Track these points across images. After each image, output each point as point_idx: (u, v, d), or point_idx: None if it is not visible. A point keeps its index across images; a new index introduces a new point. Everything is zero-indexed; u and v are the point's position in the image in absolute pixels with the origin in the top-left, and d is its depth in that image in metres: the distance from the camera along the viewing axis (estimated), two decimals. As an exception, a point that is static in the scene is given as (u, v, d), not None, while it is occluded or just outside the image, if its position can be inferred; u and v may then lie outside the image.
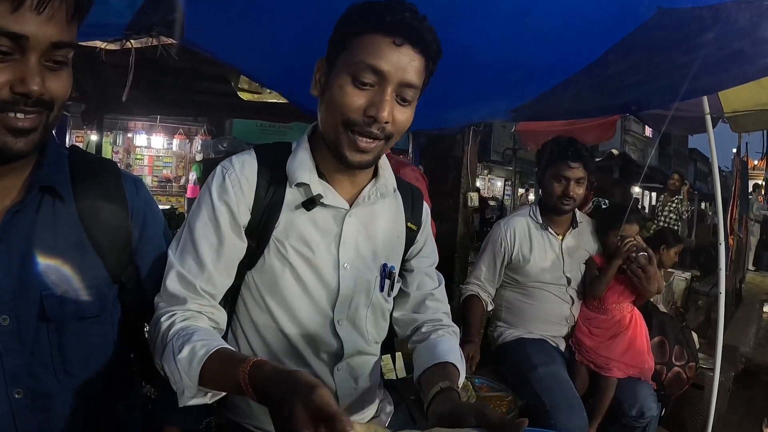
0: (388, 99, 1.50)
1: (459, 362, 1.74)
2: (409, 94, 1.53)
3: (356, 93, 1.50)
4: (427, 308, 1.93)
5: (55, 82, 1.24)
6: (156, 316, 1.53)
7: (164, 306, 1.54)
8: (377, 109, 1.48)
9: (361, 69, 1.48)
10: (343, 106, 1.50)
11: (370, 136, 1.53)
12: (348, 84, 1.50)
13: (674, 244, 5.11)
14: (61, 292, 1.38)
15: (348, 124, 1.52)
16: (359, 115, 1.50)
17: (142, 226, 1.58)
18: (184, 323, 1.48)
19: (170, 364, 1.38)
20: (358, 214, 1.71)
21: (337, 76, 1.52)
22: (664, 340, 3.61)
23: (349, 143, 1.54)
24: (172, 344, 1.41)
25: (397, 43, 1.48)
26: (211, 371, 1.34)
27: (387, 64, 1.47)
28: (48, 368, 1.38)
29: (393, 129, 1.55)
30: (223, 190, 1.61)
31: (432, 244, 2.01)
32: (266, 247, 1.64)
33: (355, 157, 1.56)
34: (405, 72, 1.49)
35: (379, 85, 1.49)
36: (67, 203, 1.42)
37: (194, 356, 1.35)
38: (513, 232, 3.43)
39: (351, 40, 1.51)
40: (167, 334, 1.45)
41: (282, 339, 1.69)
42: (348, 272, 1.70)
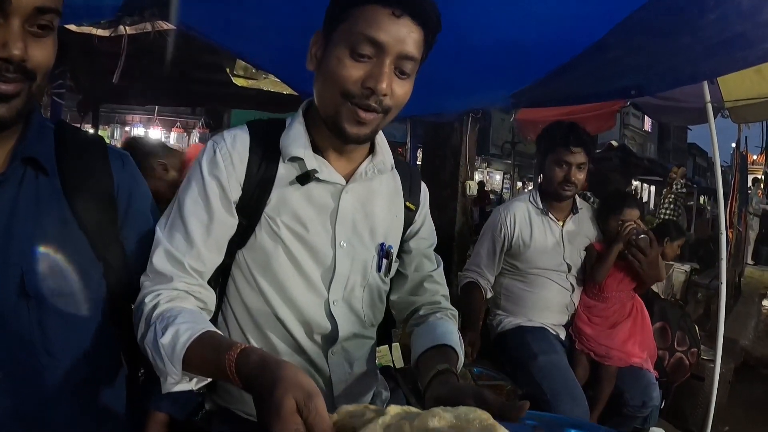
0: (387, 71, 1.44)
1: (458, 346, 1.68)
2: (408, 66, 1.48)
3: (354, 65, 1.44)
4: (425, 290, 1.88)
5: (39, 49, 1.20)
6: (141, 295, 1.46)
7: (150, 285, 1.47)
8: (376, 81, 1.43)
9: (360, 41, 1.42)
10: (342, 78, 1.45)
11: (369, 109, 1.47)
12: (346, 56, 1.44)
13: (677, 237, 5.14)
14: (43, 268, 1.32)
15: (346, 95, 1.46)
16: (357, 87, 1.44)
17: (128, 202, 1.53)
18: (169, 304, 1.42)
19: (153, 347, 1.32)
20: (354, 190, 1.66)
21: (335, 48, 1.47)
22: (665, 325, 3.60)
23: (347, 115, 1.48)
24: (155, 327, 1.35)
25: (397, 14, 1.42)
26: (196, 357, 1.27)
27: (386, 35, 1.42)
28: (28, 348, 1.33)
29: (391, 102, 1.49)
30: (213, 164, 1.55)
31: (430, 226, 1.96)
32: (257, 224, 1.59)
33: (353, 129, 1.50)
34: (404, 44, 1.44)
35: (377, 57, 1.44)
36: (50, 177, 1.37)
37: (177, 340, 1.28)
38: (513, 218, 3.39)
39: (349, 11, 1.46)
40: (151, 316, 1.39)
41: (274, 321, 1.63)
42: (344, 250, 1.65)
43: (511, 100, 3.82)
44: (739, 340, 6.43)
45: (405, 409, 1.05)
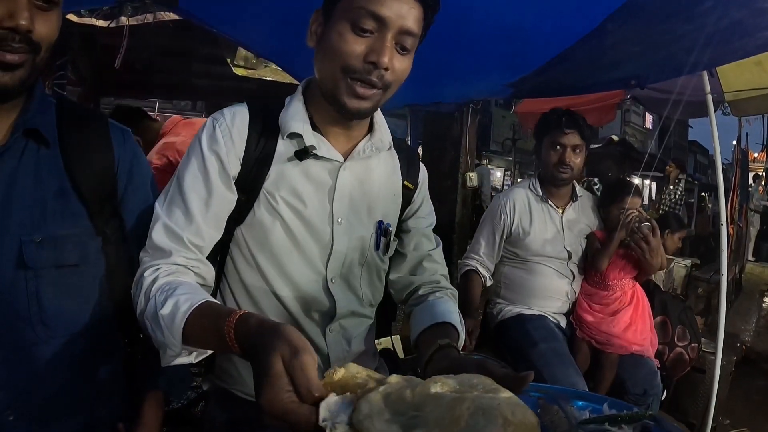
0: (389, 45, 1.45)
1: (458, 324, 1.68)
2: (409, 41, 1.49)
3: (356, 39, 1.45)
4: (425, 270, 1.88)
5: (44, 22, 1.23)
6: (140, 270, 1.46)
7: (149, 260, 1.47)
8: (378, 55, 1.44)
9: (361, 15, 1.43)
10: (343, 52, 1.45)
11: (370, 84, 1.48)
12: (347, 31, 1.45)
13: (678, 229, 5.08)
14: (40, 238, 1.34)
15: (347, 70, 1.46)
16: (359, 61, 1.45)
17: (129, 176, 1.54)
18: (168, 278, 1.42)
19: (153, 320, 1.32)
20: (352, 167, 1.66)
21: (336, 23, 1.47)
22: (666, 319, 3.59)
23: (347, 90, 1.48)
24: (155, 299, 1.34)
25: None
26: (196, 327, 1.26)
27: (387, 10, 1.42)
28: (24, 318, 1.34)
29: (392, 77, 1.50)
30: (213, 140, 1.55)
31: (429, 205, 1.96)
32: (256, 200, 1.59)
33: (353, 104, 1.50)
34: (405, 19, 1.45)
35: (379, 31, 1.44)
36: (51, 149, 1.39)
37: (177, 311, 1.28)
38: (513, 204, 3.40)
39: None
40: (150, 289, 1.38)
41: (272, 298, 1.63)
42: (342, 227, 1.65)
43: (511, 89, 3.83)
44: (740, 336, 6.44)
45: (406, 378, 1.02)
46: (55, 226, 1.37)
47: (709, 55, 2.98)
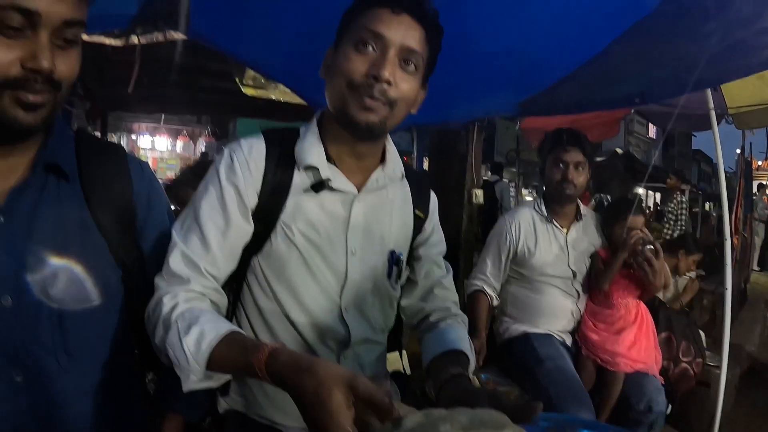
0: (389, 59, 1.51)
1: (469, 351, 1.73)
2: (412, 58, 1.55)
3: (359, 57, 1.52)
4: (435, 297, 1.92)
5: (65, 61, 1.24)
6: (157, 296, 1.49)
7: (165, 286, 1.50)
8: (378, 69, 1.49)
9: (363, 33, 1.51)
10: (347, 70, 1.52)
11: (374, 96, 1.52)
12: (351, 50, 1.53)
13: (693, 251, 5.18)
14: (64, 272, 1.36)
15: (352, 86, 1.52)
16: (362, 76, 1.51)
17: (147, 208, 1.57)
18: (188, 304, 1.45)
19: (175, 347, 1.35)
20: (366, 199, 1.70)
21: (342, 47, 1.56)
22: (671, 335, 3.61)
23: (354, 103, 1.53)
24: (177, 326, 1.37)
25: (396, 11, 1.51)
26: (221, 355, 1.31)
27: (386, 28, 1.51)
28: (48, 350, 1.36)
29: (396, 94, 1.54)
30: (231, 171, 1.59)
31: (440, 233, 1.99)
32: (273, 231, 1.62)
33: (361, 116, 1.54)
34: (405, 37, 1.52)
35: (380, 48, 1.51)
36: (72, 183, 1.41)
37: (203, 339, 1.32)
38: (518, 225, 3.42)
39: (355, 18, 1.55)
40: (170, 316, 1.41)
41: (288, 326, 1.67)
42: (356, 258, 1.68)
43: (518, 108, 3.86)
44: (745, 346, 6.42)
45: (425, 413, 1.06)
46: (77, 260, 1.39)
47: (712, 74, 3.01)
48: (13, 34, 1.15)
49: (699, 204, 20.78)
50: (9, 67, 1.17)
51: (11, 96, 1.19)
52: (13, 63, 1.17)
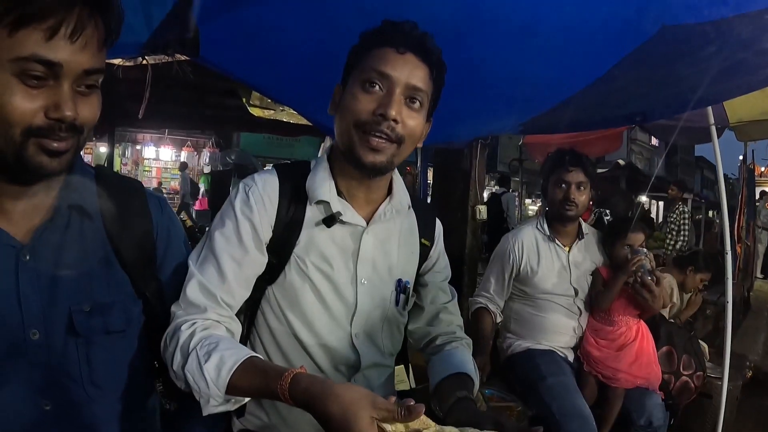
0: (396, 99, 1.58)
1: (473, 373, 1.82)
2: (417, 96, 1.63)
3: (366, 97, 1.59)
4: (441, 321, 2.00)
5: (86, 107, 1.29)
6: (175, 324, 1.56)
7: (183, 314, 1.57)
8: (385, 108, 1.57)
9: (370, 74, 1.59)
10: (354, 109, 1.59)
11: (382, 135, 1.59)
12: (358, 90, 1.60)
13: (703, 270, 5.07)
14: (89, 307, 1.42)
15: (359, 124, 1.59)
16: (369, 115, 1.58)
17: (167, 242, 1.63)
18: (205, 332, 1.52)
19: (195, 373, 1.42)
20: (374, 231, 1.78)
21: (350, 87, 1.64)
22: (672, 350, 3.64)
23: (361, 143, 1.60)
24: (196, 353, 1.44)
25: (401, 51, 1.59)
26: (241, 380, 1.38)
27: (393, 68, 1.58)
28: (76, 380, 1.42)
29: (403, 131, 1.61)
30: (246, 206, 1.66)
31: (445, 260, 2.08)
32: (287, 263, 1.70)
33: (368, 157, 1.61)
34: (410, 76, 1.60)
35: (386, 88, 1.59)
36: (94, 221, 1.47)
37: (223, 365, 1.39)
38: (521, 244, 3.48)
39: (361, 57, 1.64)
40: (189, 343, 1.48)
41: (301, 352, 1.74)
42: (365, 288, 1.76)
43: (520, 128, 3.89)
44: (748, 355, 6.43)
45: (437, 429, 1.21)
46: (101, 295, 1.45)
47: (712, 93, 3.03)
48: (36, 84, 1.21)
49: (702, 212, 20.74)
50: (33, 116, 1.22)
51: (36, 144, 1.24)
52: (37, 112, 1.22)
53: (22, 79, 1.20)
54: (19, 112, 1.20)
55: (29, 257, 1.36)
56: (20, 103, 1.20)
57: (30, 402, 1.36)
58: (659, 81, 2.97)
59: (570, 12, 2.20)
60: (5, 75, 1.19)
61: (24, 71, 1.19)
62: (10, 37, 1.17)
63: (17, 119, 1.21)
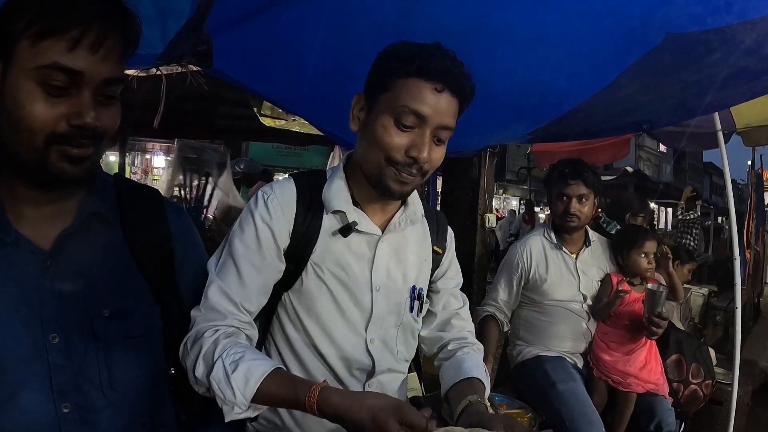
0: (428, 141, 1.61)
1: (484, 377, 1.85)
2: (444, 134, 1.65)
3: (399, 134, 1.61)
4: (453, 327, 2.04)
5: (107, 116, 1.33)
6: (196, 330, 1.60)
7: (203, 320, 1.61)
8: (418, 151, 1.60)
9: (405, 113, 1.59)
10: (388, 145, 1.61)
11: (411, 172, 1.64)
12: (392, 125, 1.61)
13: (687, 261, 5.24)
14: (109, 312, 1.45)
15: (391, 161, 1.63)
16: (401, 154, 1.61)
17: (184, 250, 1.66)
18: (229, 340, 1.56)
19: (221, 382, 1.46)
20: (389, 239, 1.82)
21: (380, 115, 1.63)
22: (681, 358, 3.65)
23: (392, 176, 1.65)
24: (222, 362, 1.48)
25: (439, 89, 1.59)
26: (268, 391, 1.44)
27: (429, 109, 1.58)
28: (95, 384, 1.44)
29: (429, 166, 1.66)
30: (265, 214, 1.70)
31: (456, 267, 2.11)
32: (304, 270, 1.74)
33: (397, 188, 1.67)
34: (443, 115, 1.61)
35: (419, 127, 1.61)
36: (114, 228, 1.51)
37: (251, 376, 1.44)
38: (529, 253, 3.52)
39: (394, 81, 1.62)
40: (213, 351, 1.52)
41: (317, 357, 1.78)
42: (380, 294, 1.80)
43: (528, 136, 3.90)
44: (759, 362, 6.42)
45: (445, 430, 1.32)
46: (121, 301, 1.48)
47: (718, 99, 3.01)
48: (58, 93, 1.25)
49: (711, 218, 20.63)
50: (55, 124, 1.26)
51: (58, 151, 1.29)
52: (59, 120, 1.26)
53: (45, 88, 1.24)
54: (42, 119, 1.25)
55: (50, 263, 1.39)
56: (43, 110, 1.25)
57: (50, 404, 1.38)
58: (665, 88, 2.98)
59: (576, 23, 2.23)
60: (29, 83, 1.24)
61: (46, 80, 1.23)
62: (33, 47, 1.22)
63: (40, 126, 1.25)
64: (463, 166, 5.39)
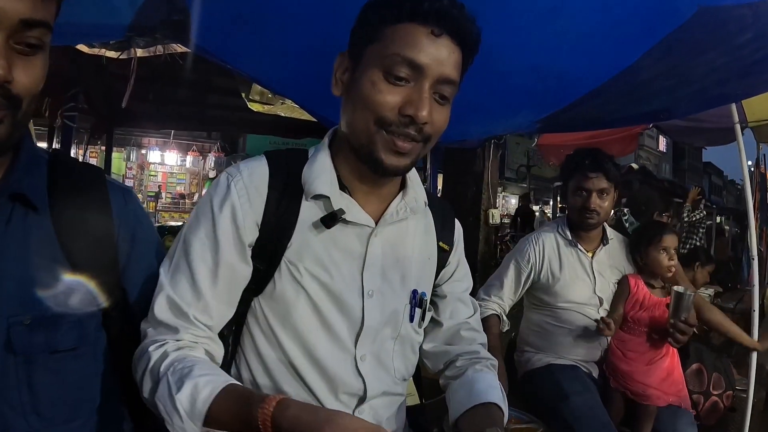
0: (427, 96, 1.32)
1: (502, 402, 1.55)
2: (447, 90, 1.36)
3: (390, 89, 1.32)
4: (462, 339, 1.74)
5: (25, 70, 1.04)
6: (144, 345, 1.32)
7: (153, 333, 1.33)
8: (416, 108, 1.31)
9: (396, 62, 1.30)
10: (376, 103, 1.32)
11: (408, 137, 1.35)
12: (380, 79, 1.32)
13: (707, 263, 5.27)
14: (31, 319, 1.16)
15: (382, 123, 1.33)
16: (394, 113, 1.32)
17: (131, 243, 1.36)
18: (178, 353, 1.28)
19: (166, 403, 1.19)
20: (384, 232, 1.51)
21: (367, 70, 1.35)
22: (702, 367, 3.48)
23: (384, 145, 1.35)
24: (167, 380, 1.21)
25: (436, 33, 1.30)
26: (219, 411, 1.15)
27: (425, 56, 1.30)
28: (15, 409, 1.16)
29: (431, 130, 1.37)
30: (227, 201, 1.39)
31: (465, 267, 1.81)
32: (277, 271, 1.42)
33: (391, 160, 1.36)
34: (443, 66, 1.32)
35: (415, 80, 1.32)
36: (41, 215, 1.20)
37: (198, 395, 1.15)
38: (542, 247, 3.25)
39: (382, 29, 1.34)
40: (159, 367, 1.25)
41: (295, 377, 1.46)
42: (373, 300, 1.48)
43: (538, 125, 3.74)
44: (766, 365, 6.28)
45: None
46: (46, 306, 1.19)
47: (741, 87, 3.01)
48: None
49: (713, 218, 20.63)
50: None
51: None
52: None
53: None
54: None
55: None
56: None
57: None
58: (689, 72, 2.84)
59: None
60: None
61: None
62: None
63: None
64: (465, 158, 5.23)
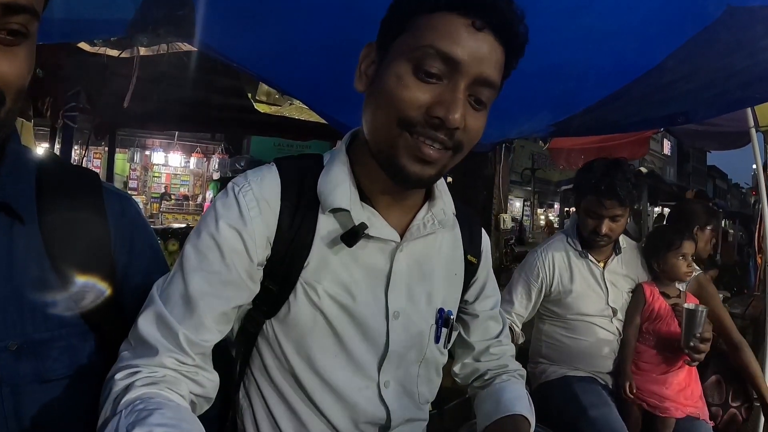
0: (461, 97, 1.13)
1: (529, 412, 1.46)
2: (485, 94, 1.18)
3: (419, 86, 1.14)
4: (492, 355, 1.64)
5: (8, 60, 0.91)
6: (113, 369, 1.14)
7: (128, 357, 1.15)
8: (447, 110, 1.12)
9: (428, 55, 1.13)
10: (402, 100, 1.14)
11: (435, 141, 1.16)
12: (408, 73, 1.15)
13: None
14: (17, 346, 1.03)
15: (405, 124, 1.16)
16: (420, 113, 1.14)
17: (128, 256, 1.22)
18: (145, 390, 1.07)
19: None
20: (411, 248, 1.37)
21: (393, 63, 1.17)
22: (721, 379, 3.34)
23: (408, 150, 1.17)
24: (118, 420, 0.98)
25: (477, 26, 1.12)
26: None
27: (462, 51, 1.12)
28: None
29: (464, 137, 1.19)
30: (235, 215, 1.23)
31: (494, 280, 1.68)
32: (292, 293, 1.28)
33: (415, 168, 1.18)
34: (483, 64, 1.14)
35: (449, 78, 1.14)
36: (28, 226, 1.07)
37: None
38: (551, 260, 3.14)
39: (414, 19, 1.17)
40: (119, 401, 1.05)
41: (310, 407, 1.32)
42: (398, 322, 1.35)
43: (552, 129, 3.64)
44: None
45: None
46: (35, 329, 1.06)
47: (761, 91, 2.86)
48: None
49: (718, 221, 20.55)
50: None
51: None
52: None
53: None
54: None
55: None
56: None
57: None
58: (712, 75, 2.76)
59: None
60: None
61: None
62: None
63: None
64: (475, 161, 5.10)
